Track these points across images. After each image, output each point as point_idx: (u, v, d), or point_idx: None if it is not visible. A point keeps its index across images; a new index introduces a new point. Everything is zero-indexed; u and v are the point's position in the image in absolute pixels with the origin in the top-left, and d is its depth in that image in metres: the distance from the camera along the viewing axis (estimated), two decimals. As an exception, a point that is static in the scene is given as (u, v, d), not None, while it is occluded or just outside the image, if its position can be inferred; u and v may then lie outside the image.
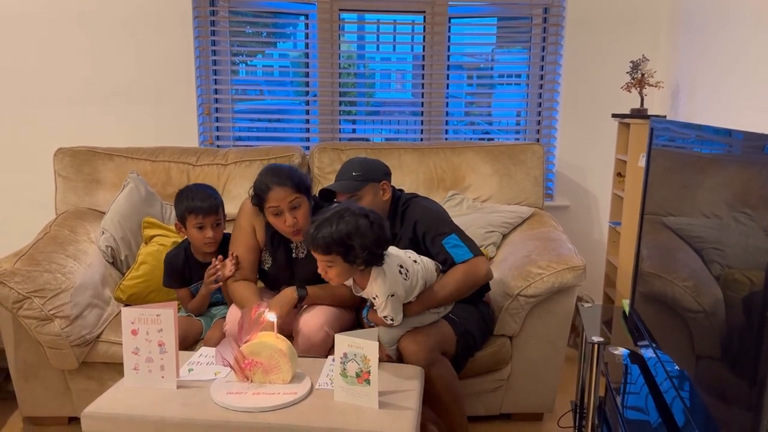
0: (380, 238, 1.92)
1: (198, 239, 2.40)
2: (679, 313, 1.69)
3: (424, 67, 3.55)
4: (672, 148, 1.86)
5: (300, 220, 2.18)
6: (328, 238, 1.88)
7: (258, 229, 2.33)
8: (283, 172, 2.20)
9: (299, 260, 2.33)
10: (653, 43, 3.31)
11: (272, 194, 2.15)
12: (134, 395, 1.78)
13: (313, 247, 1.92)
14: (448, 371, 2.14)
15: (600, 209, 3.51)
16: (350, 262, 1.91)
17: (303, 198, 2.19)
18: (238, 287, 2.29)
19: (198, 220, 2.37)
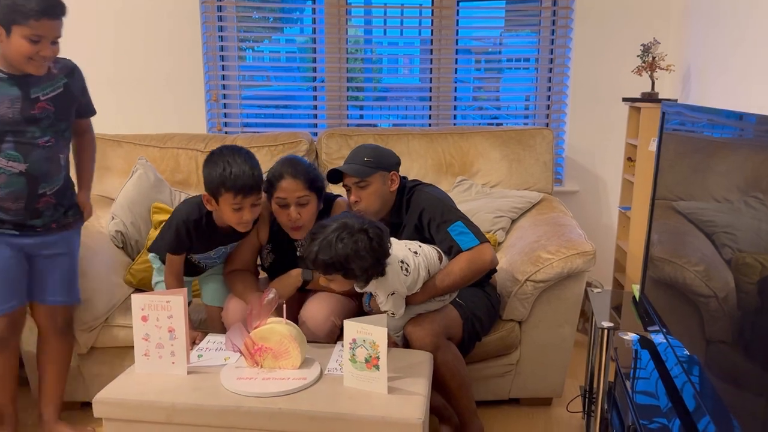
0: (380, 257, 1.90)
1: (231, 220, 2.05)
2: (689, 298, 1.68)
3: (432, 51, 3.52)
4: (683, 132, 1.84)
5: (303, 217, 2.12)
6: (327, 261, 1.86)
7: (262, 228, 2.27)
8: (300, 166, 2.14)
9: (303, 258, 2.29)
10: (664, 25, 3.26)
11: (283, 183, 2.10)
12: (145, 381, 1.80)
13: (313, 266, 1.93)
14: (454, 356, 2.14)
15: (610, 194, 3.49)
16: (350, 279, 1.92)
17: (312, 197, 2.13)
18: (236, 278, 2.25)
19: (237, 201, 1.99)
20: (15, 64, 1.97)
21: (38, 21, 1.88)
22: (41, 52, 1.94)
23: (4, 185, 2.02)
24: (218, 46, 3.43)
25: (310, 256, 1.89)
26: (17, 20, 1.87)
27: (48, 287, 2.20)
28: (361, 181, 2.21)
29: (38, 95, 2.04)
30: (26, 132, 2.02)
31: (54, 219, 2.16)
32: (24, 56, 1.93)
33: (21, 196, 2.05)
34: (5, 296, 2.10)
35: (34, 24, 1.88)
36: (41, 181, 2.08)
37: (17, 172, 2.03)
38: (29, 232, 2.11)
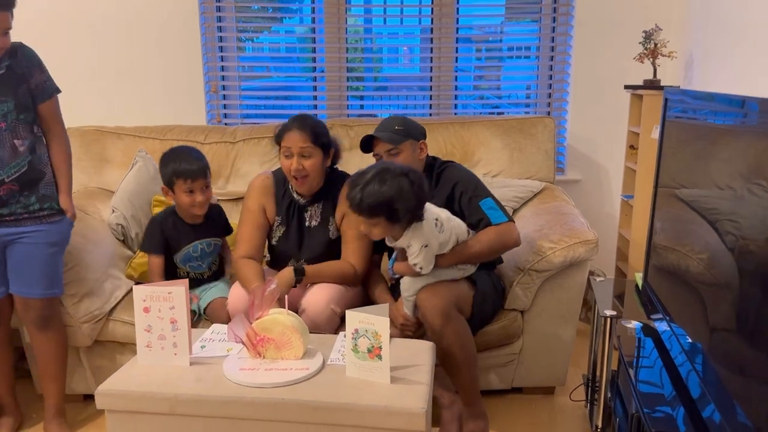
0: (421, 199, 2.01)
1: (187, 203, 2.34)
2: (693, 286, 1.68)
3: (432, 40, 3.50)
4: (686, 118, 1.82)
5: (306, 167, 2.21)
6: (373, 204, 1.96)
7: (268, 206, 2.36)
8: (308, 120, 2.26)
9: (311, 228, 2.36)
10: (666, 12, 3.24)
11: (289, 135, 2.22)
12: (148, 372, 1.79)
13: (358, 210, 2.00)
14: (464, 328, 2.15)
15: (612, 182, 3.47)
16: (394, 222, 2.00)
17: (317, 150, 2.23)
18: (243, 266, 2.28)
19: (187, 185, 2.32)
20: None
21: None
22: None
23: None
24: (217, 37, 3.41)
25: (354, 201, 1.98)
26: None
27: (23, 279, 2.17)
28: (393, 148, 2.25)
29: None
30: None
31: (24, 208, 2.12)
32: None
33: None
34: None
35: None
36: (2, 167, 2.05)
37: None
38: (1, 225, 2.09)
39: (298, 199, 2.35)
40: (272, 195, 2.36)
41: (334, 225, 2.36)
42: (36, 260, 2.18)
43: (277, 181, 2.39)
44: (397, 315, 2.21)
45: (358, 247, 2.30)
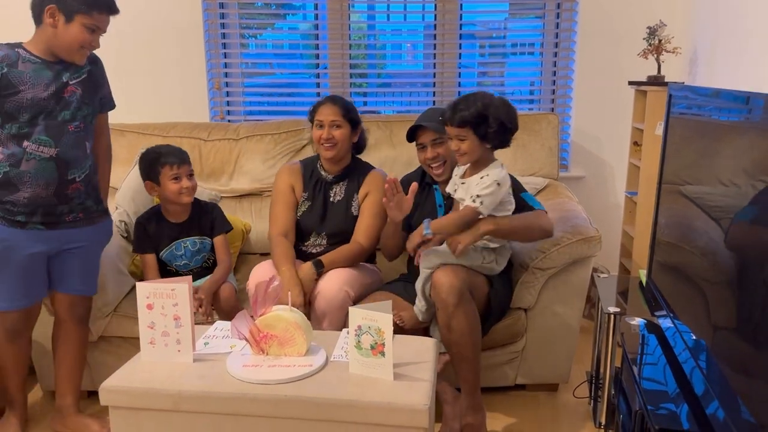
0: (511, 117, 2.10)
1: (175, 190, 2.39)
2: (696, 283, 1.67)
3: (435, 36, 3.49)
4: (690, 115, 1.82)
5: (335, 136, 2.41)
6: (465, 114, 2.05)
7: (296, 185, 2.53)
8: (339, 99, 2.50)
9: (334, 204, 2.51)
10: (670, 7, 3.22)
11: (321, 108, 2.44)
12: (151, 369, 1.80)
13: (449, 118, 2.08)
14: (475, 313, 2.15)
15: (616, 179, 3.46)
16: (481, 137, 2.07)
17: (345, 123, 2.44)
18: (277, 245, 2.41)
19: (174, 171, 2.37)
20: (62, 51, 2.03)
21: (101, 14, 2.02)
22: (93, 42, 2.05)
23: (35, 171, 2.03)
24: (220, 34, 3.41)
25: (446, 114, 2.09)
26: (83, 9, 1.98)
27: (70, 278, 2.22)
28: (439, 137, 2.30)
29: (67, 80, 2.08)
30: (57, 115, 2.05)
31: (82, 207, 2.17)
32: (79, 44, 2.02)
33: (52, 182, 2.06)
34: (22, 293, 2.13)
35: (96, 16, 2.01)
36: (71, 166, 2.10)
37: (47, 157, 2.04)
38: (57, 225, 2.11)
39: (326, 176, 2.52)
40: (300, 176, 2.54)
41: (357, 202, 2.50)
42: (91, 261, 2.28)
43: (305, 166, 2.58)
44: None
45: (370, 225, 2.45)
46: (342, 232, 2.47)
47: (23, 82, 2.00)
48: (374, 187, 2.49)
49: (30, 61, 2.03)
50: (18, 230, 2.05)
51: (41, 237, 2.09)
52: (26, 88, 2.00)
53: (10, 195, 2.03)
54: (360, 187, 2.51)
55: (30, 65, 2.02)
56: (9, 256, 2.06)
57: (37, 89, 2.01)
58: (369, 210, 2.46)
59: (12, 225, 2.05)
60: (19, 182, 2.03)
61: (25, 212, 2.05)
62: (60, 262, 2.18)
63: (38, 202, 2.06)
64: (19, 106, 2.00)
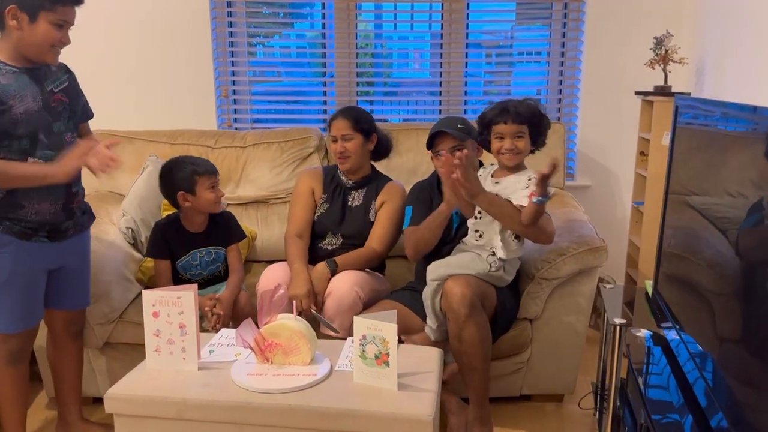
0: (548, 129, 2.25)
1: (212, 199, 2.42)
2: (703, 295, 1.66)
3: (442, 45, 3.50)
4: (697, 126, 1.81)
5: (347, 149, 2.49)
6: (526, 113, 2.16)
7: (317, 188, 2.61)
8: (352, 110, 2.58)
9: (352, 208, 2.57)
10: (677, 18, 3.22)
11: (334, 123, 2.52)
12: (156, 377, 1.80)
13: (513, 115, 2.14)
14: (486, 324, 2.15)
15: (623, 189, 3.46)
16: (533, 137, 2.19)
17: (357, 135, 2.50)
18: (291, 244, 2.48)
19: (210, 181, 2.41)
20: (32, 53, 1.92)
21: (65, 6, 1.90)
22: (63, 39, 1.93)
23: (43, 187, 1.97)
24: (228, 42, 3.43)
25: (510, 107, 2.15)
26: (45, 5, 1.85)
27: (68, 294, 2.19)
28: (458, 144, 2.30)
29: (51, 88, 2.01)
30: (53, 127, 1.99)
31: (82, 218, 2.16)
32: (49, 43, 1.90)
33: (60, 197, 2.03)
34: (30, 312, 2.07)
35: (61, 9, 1.89)
36: (73, 180, 2.06)
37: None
38: (60, 237, 2.07)
39: (346, 181, 2.59)
40: (321, 180, 2.63)
41: (374, 209, 2.56)
42: (87, 271, 2.26)
43: (326, 170, 2.67)
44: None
45: (386, 232, 2.51)
46: (358, 234, 2.53)
47: (11, 96, 1.88)
48: (391, 197, 2.55)
49: (9, 71, 1.91)
50: (24, 242, 1.99)
51: (45, 251, 2.04)
52: (16, 102, 1.89)
53: (16, 212, 1.97)
54: (378, 195, 2.57)
55: (10, 76, 1.90)
56: (16, 271, 1.99)
57: (27, 101, 1.92)
58: (385, 217, 2.52)
59: (19, 236, 1.98)
60: (24, 199, 1.96)
61: (32, 228, 2.00)
62: (58, 279, 2.13)
63: (46, 219, 2.01)
64: (14, 122, 1.89)
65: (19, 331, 2.05)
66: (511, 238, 2.21)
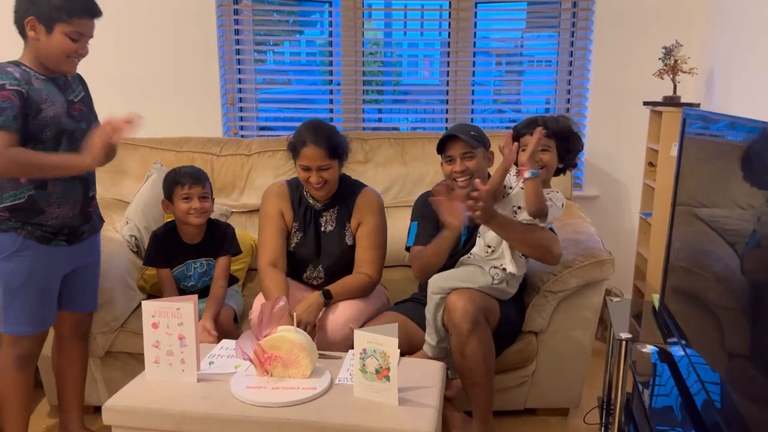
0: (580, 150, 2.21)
1: (184, 210, 2.35)
2: (711, 309, 1.63)
3: (449, 54, 3.48)
4: (705, 137, 1.78)
5: (324, 177, 2.25)
6: (553, 121, 2.12)
7: (285, 211, 2.37)
8: (323, 132, 2.24)
9: (327, 233, 2.38)
10: (687, 27, 3.19)
11: (306, 151, 2.22)
12: (155, 388, 1.78)
13: (548, 126, 2.08)
14: (490, 339, 2.11)
15: (630, 200, 3.42)
16: (561, 154, 2.13)
17: (334, 163, 2.26)
18: (266, 277, 2.28)
19: (185, 191, 2.35)
20: (50, 63, 1.96)
21: (81, 19, 1.93)
22: (79, 50, 1.96)
23: (63, 191, 2.01)
24: (234, 49, 3.42)
25: (539, 120, 2.11)
26: (62, 17, 1.89)
27: (80, 296, 2.21)
28: (469, 151, 2.25)
29: (72, 98, 2.05)
30: (76, 134, 2.02)
31: (96, 221, 2.19)
32: (64, 53, 1.94)
33: (78, 201, 2.06)
34: (43, 316, 2.08)
35: (77, 22, 1.92)
36: (91, 183, 2.11)
37: (73, 176, 2.03)
38: (76, 240, 2.09)
39: (314, 204, 2.38)
40: (288, 201, 2.39)
41: (350, 231, 2.38)
42: (97, 274, 2.28)
43: (291, 188, 2.42)
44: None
45: (374, 256, 2.35)
46: (338, 264, 2.37)
47: (44, 100, 1.93)
48: (368, 214, 2.35)
49: (39, 78, 1.96)
50: (44, 246, 2.00)
51: (63, 254, 2.06)
52: (47, 106, 1.94)
53: (37, 217, 1.98)
54: (351, 213, 2.37)
55: (41, 82, 1.96)
56: (33, 275, 2.00)
57: (56, 107, 1.96)
58: (368, 241, 2.34)
59: (40, 241, 1.99)
60: (46, 204, 1.99)
61: (52, 232, 2.02)
62: (72, 281, 2.15)
63: (66, 222, 2.04)
64: (43, 126, 1.93)
65: (30, 334, 2.07)
66: (519, 254, 2.18)
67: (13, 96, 1.85)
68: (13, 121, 1.85)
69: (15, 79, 1.87)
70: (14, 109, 1.85)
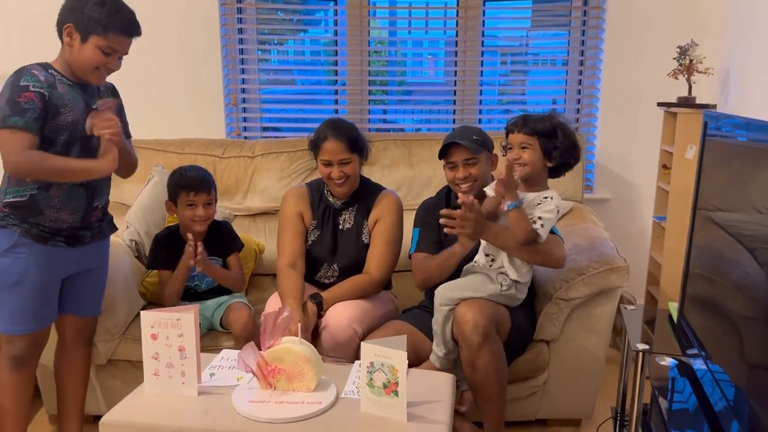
0: (576, 147, 2.10)
1: (187, 216, 2.33)
2: (732, 320, 1.56)
3: (457, 53, 3.41)
4: (727, 142, 1.71)
5: (346, 172, 2.26)
6: (537, 119, 2.05)
7: (305, 212, 2.38)
8: (343, 127, 2.29)
9: (344, 231, 2.37)
10: (702, 26, 3.10)
11: (327, 145, 2.25)
12: (154, 402, 1.72)
13: (519, 125, 2.06)
14: (501, 351, 2.05)
15: (643, 203, 3.34)
16: (545, 151, 2.05)
17: (354, 157, 2.28)
18: (284, 278, 2.26)
19: (189, 198, 2.32)
20: (78, 71, 1.97)
21: (117, 36, 1.94)
22: (109, 64, 1.97)
23: (66, 197, 1.98)
24: (238, 49, 3.36)
25: (518, 121, 2.08)
26: (98, 31, 1.90)
27: (84, 300, 2.16)
28: (472, 158, 2.20)
29: (96, 107, 2.02)
30: (91, 142, 1.98)
31: (99, 228, 2.13)
32: (92, 65, 1.94)
33: (79, 209, 2.01)
34: (38, 316, 2.03)
35: (112, 37, 1.93)
36: (97, 194, 2.06)
37: (78, 184, 1.99)
38: (78, 244, 2.05)
39: (334, 202, 2.38)
40: (308, 202, 2.40)
41: (367, 230, 2.37)
42: (103, 279, 2.23)
43: (311, 190, 2.43)
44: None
45: (382, 254, 2.31)
46: (354, 263, 2.35)
47: (64, 105, 1.92)
48: (386, 212, 2.35)
49: (64, 83, 1.95)
50: (41, 245, 1.97)
51: (62, 256, 2.01)
52: (66, 111, 1.93)
53: (35, 216, 1.96)
54: (370, 212, 2.37)
55: (66, 87, 1.95)
56: (27, 274, 1.96)
57: (76, 113, 1.94)
58: (381, 238, 2.33)
59: (36, 239, 1.96)
60: (45, 206, 1.96)
61: (49, 232, 1.98)
62: (75, 284, 2.11)
63: (63, 226, 2.00)
64: (59, 129, 1.92)
65: (24, 333, 2.02)
66: (519, 261, 2.11)
67: (36, 98, 1.86)
68: (34, 122, 1.86)
69: (39, 82, 1.88)
70: (36, 112, 1.86)
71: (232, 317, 2.34)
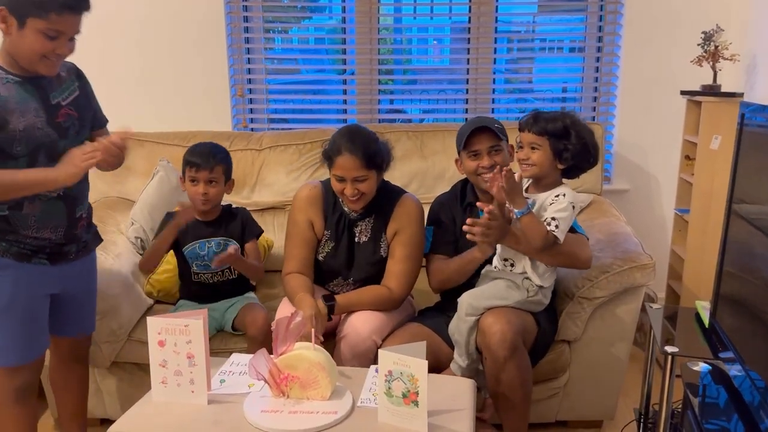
0: (591, 147, 1.96)
1: (191, 192, 2.25)
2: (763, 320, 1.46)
3: (469, 40, 3.30)
4: (764, 131, 1.60)
5: (361, 189, 2.06)
6: (549, 118, 1.93)
7: (316, 220, 2.19)
8: (360, 139, 2.05)
9: (361, 244, 2.21)
10: (727, 11, 2.98)
11: (340, 160, 2.03)
12: (162, 411, 1.65)
13: (529, 124, 1.95)
14: (528, 364, 1.97)
15: (663, 194, 3.23)
16: (556, 152, 1.93)
17: (372, 174, 2.06)
18: (290, 280, 2.14)
19: (191, 174, 2.22)
20: (23, 62, 1.69)
21: (60, 15, 1.62)
22: (57, 49, 1.67)
23: (41, 214, 1.77)
24: (243, 38, 3.25)
25: (529, 119, 1.96)
26: (34, 12, 1.60)
27: (72, 321, 2.00)
28: (497, 144, 2.10)
29: (59, 100, 1.78)
30: (58, 146, 1.75)
31: (84, 242, 1.95)
32: (37, 54, 1.65)
33: (60, 224, 1.82)
34: (35, 341, 1.85)
35: (54, 18, 1.62)
36: (78, 202, 1.86)
37: (54, 196, 1.78)
38: (61, 259, 1.86)
39: (349, 212, 2.19)
40: (320, 207, 2.20)
41: (386, 242, 2.20)
42: (92, 296, 2.07)
43: (326, 191, 2.21)
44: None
45: (402, 269, 2.15)
46: (370, 277, 2.19)
47: (10, 111, 1.66)
48: (406, 222, 2.16)
49: (10, 81, 1.69)
50: (24, 264, 1.78)
51: (45, 274, 1.83)
52: (15, 118, 1.66)
53: (12, 234, 1.76)
54: (388, 223, 2.18)
55: (11, 87, 1.69)
56: (16, 297, 1.78)
57: (29, 116, 1.69)
58: (401, 252, 2.15)
59: (17, 258, 1.77)
60: (22, 226, 1.75)
61: (30, 249, 1.79)
62: (62, 305, 1.93)
63: (45, 244, 1.81)
64: (11, 140, 1.66)
65: (25, 362, 1.83)
66: (540, 265, 2.02)
67: None
68: None
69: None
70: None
71: (248, 319, 2.23)
